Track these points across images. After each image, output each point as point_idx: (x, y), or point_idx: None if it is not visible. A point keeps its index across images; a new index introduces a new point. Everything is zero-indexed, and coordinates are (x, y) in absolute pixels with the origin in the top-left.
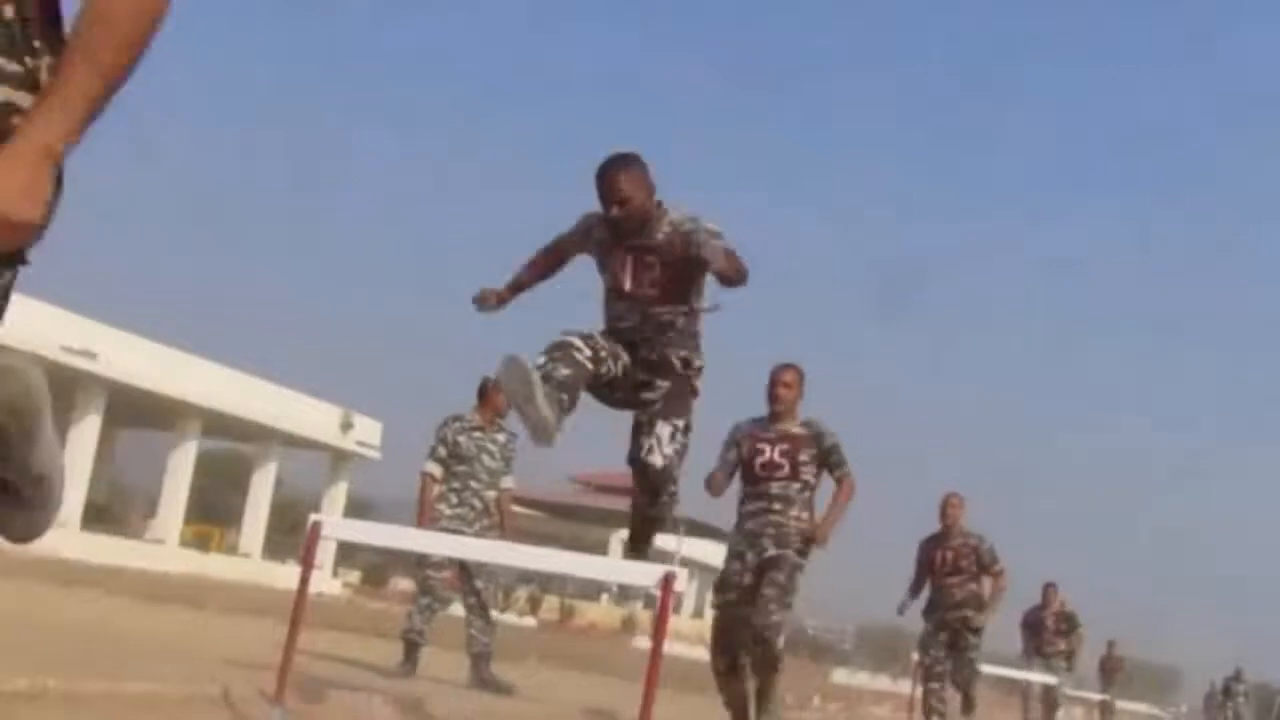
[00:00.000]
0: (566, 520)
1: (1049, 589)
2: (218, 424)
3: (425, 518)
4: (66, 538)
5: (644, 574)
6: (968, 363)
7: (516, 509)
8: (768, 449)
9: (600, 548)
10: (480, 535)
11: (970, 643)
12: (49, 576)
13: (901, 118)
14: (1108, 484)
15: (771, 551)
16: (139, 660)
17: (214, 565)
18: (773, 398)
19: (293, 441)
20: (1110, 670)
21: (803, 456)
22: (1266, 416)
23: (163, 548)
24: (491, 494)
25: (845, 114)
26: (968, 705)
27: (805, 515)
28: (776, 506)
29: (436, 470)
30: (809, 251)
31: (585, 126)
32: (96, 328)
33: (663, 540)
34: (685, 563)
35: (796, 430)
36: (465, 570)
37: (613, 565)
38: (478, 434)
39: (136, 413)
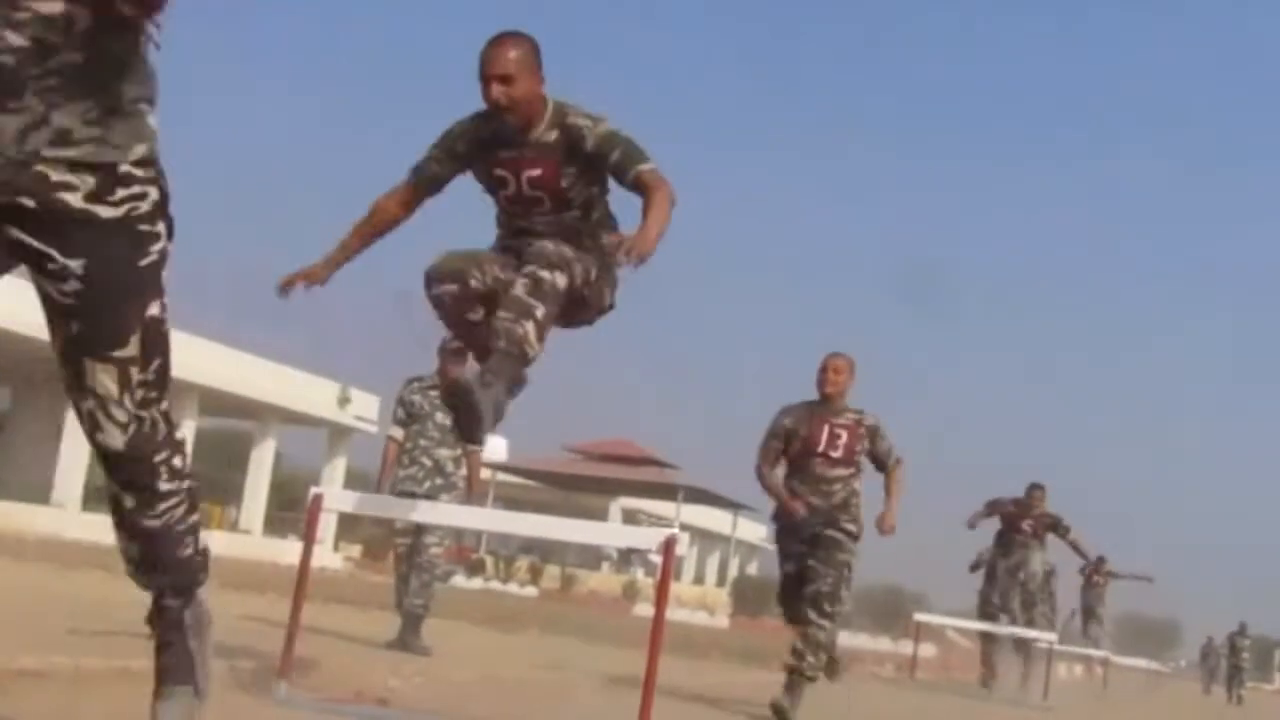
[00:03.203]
0: (563, 489)
1: (1034, 491)
2: (215, 402)
3: (384, 482)
4: (68, 519)
5: (645, 538)
6: (968, 327)
7: (512, 479)
8: (510, 179)
9: (598, 515)
10: (430, 496)
11: (843, 540)
12: (52, 558)
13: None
14: (1108, 437)
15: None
16: (144, 637)
17: (215, 542)
18: (490, 101)
19: (291, 418)
20: (1094, 585)
21: (564, 182)
22: (1272, 372)
23: None
24: (443, 452)
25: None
26: (829, 664)
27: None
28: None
29: (398, 433)
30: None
31: (603, 101)
32: None
33: (662, 507)
34: (685, 528)
35: (544, 140)
36: (418, 528)
37: (613, 530)
38: (433, 392)
39: None
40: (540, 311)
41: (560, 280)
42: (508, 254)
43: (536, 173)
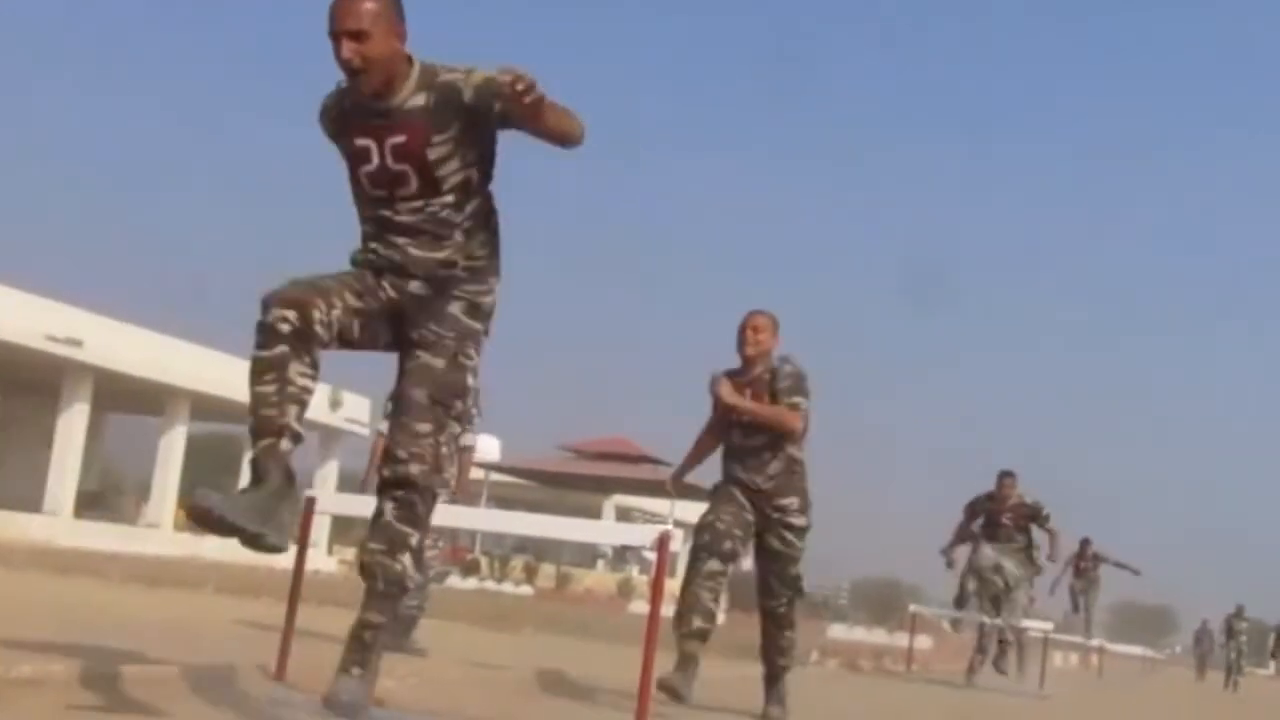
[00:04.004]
0: (557, 488)
1: (1005, 480)
2: (207, 407)
3: (370, 478)
4: (60, 527)
5: (640, 535)
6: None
7: (506, 479)
8: (372, 148)
9: (592, 513)
10: None
11: (791, 546)
12: (46, 565)
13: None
14: (1099, 424)
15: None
16: (140, 643)
17: (209, 547)
18: (342, 61)
19: None
20: (1084, 571)
21: (433, 154)
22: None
23: (157, 532)
24: None
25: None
26: (776, 674)
27: (475, 241)
28: (411, 241)
29: (386, 428)
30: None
31: (608, 103)
32: (81, 315)
33: (656, 504)
34: (679, 525)
35: (411, 105)
36: None
37: (608, 528)
38: None
39: (125, 399)
40: (415, 539)
41: (430, 499)
42: (364, 271)
43: (400, 139)
